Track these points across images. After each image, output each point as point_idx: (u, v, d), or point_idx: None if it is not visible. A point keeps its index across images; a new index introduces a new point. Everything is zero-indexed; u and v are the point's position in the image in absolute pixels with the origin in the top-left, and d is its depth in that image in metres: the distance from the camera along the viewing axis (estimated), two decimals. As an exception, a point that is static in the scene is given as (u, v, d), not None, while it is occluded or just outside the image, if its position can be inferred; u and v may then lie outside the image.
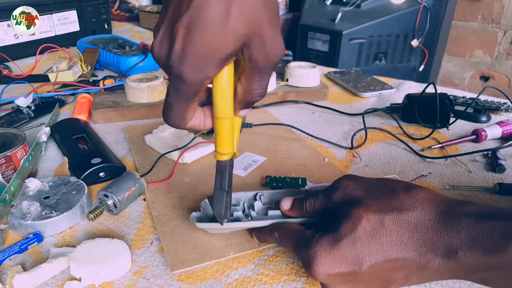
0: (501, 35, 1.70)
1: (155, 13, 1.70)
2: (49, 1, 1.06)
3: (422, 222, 0.29)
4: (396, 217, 0.30)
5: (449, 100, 0.64)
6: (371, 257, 0.29)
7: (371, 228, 0.30)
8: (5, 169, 0.48)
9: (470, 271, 0.28)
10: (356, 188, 0.34)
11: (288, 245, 0.36)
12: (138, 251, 0.40)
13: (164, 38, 0.29)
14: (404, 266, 0.29)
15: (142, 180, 0.47)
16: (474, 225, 0.28)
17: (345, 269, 0.30)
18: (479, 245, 0.27)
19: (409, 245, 0.29)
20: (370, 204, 0.31)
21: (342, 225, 0.31)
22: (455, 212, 0.29)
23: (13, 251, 0.39)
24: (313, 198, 0.37)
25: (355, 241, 0.30)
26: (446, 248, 0.28)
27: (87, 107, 0.71)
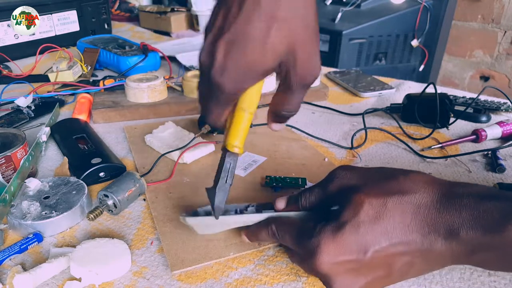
0: (501, 35, 1.70)
1: (155, 13, 1.70)
2: (49, 1, 1.06)
3: (424, 203, 0.30)
4: (398, 200, 0.30)
5: (449, 100, 0.64)
6: (375, 242, 0.29)
7: (374, 212, 0.30)
8: (5, 169, 0.48)
9: (471, 252, 0.28)
10: (353, 176, 0.34)
11: (287, 237, 0.34)
12: (138, 251, 0.40)
13: (209, 49, 0.31)
14: (407, 250, 0.29)
15: (142, 180, 0.47)
16: (475, 204, 0.28)
17: (350, 256, 0.29)
18: (480, 225, 0.27)
19: (412, 227, 0.29)
20: (371, 189, 0.31)
21: (344, 212, 0.31)
22: (457, 192, 0.30)
23: (13, 251, 0.39)
24: (309, 192, 0.36)
25: (359, 227, 0.29)
26: (448, 228, 0.28)
27: (87, 107, 0.71)
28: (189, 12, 1.73)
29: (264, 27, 0.29)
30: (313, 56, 0.32)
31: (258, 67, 0.31)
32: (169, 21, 1.68)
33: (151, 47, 0.94)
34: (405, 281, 0.36)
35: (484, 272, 0.37)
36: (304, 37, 0.31)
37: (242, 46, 0.30)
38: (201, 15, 1.68)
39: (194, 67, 0.92)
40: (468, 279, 0.37)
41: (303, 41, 0.31)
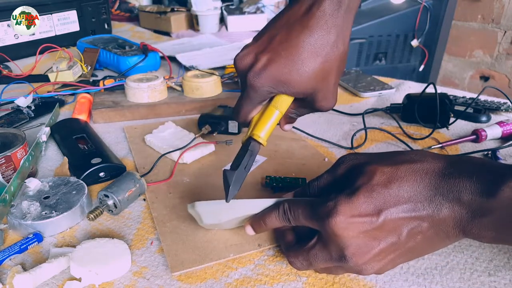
0: (501, 35, 1.70)
1: (155, 13, 1.70)
2: (49, 1, 1.06)
3: (431, 170, 0.32)
4: (407, 167, 0.32)
5: (449, 100, 0.64)
6: (387, 204, 0.31)
7: (386, 177, 0.32)
8: (5, 169, 0.48)
9: (472, 217, 0.30)
10: (361, 158, 0.36)
11: (300, 212, 0.34)
12: (138, 251, 0.40)
13: (250, 55, 0.39)
14: (416, 215, 0.31)
15: (142, 180, 0.47)
16: (472, 171, 0.31)
17: (364, 218, 0.31)
18: (476, 189, 0.30)
19: (420, 191, 0.31)
20: (382, 160, 0.34)
21: (358, 179, 0.33)
22: (458, 162, 0.32)
23: (13, 251, 0.39)
24: (317, 181, 0.37)
25: (372, 190, 0.31)
26: (451, 192, 0.30)
27: (87, 107, 0.71)
28: (189, 12, 1.73)
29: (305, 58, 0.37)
30: (334, 92, 0.40)
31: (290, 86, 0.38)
32: (169, 21, 1.68)
33: (151, 47, 0.94)
34: (406, 281, 0.36)
35: (484, 272, 0.37)
36: (334, 76, 0.39)
37: (281, 65, 0.37)
38: (201, 15, 1.68)
39: (194, 67, 0.92)
40: (468, 279, 0.37)
41: (332, 80, 0.39)
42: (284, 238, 0.38)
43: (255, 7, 1.78)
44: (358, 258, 0.32)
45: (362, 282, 0.36)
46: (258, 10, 1.77)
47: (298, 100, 0.41)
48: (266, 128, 0.40)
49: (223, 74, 0.82)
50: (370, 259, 0.32)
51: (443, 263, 0.38)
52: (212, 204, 0.38)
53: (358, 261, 0.32)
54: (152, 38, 1.35)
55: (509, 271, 0.37)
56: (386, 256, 0.32)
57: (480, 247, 0.40)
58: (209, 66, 0.90)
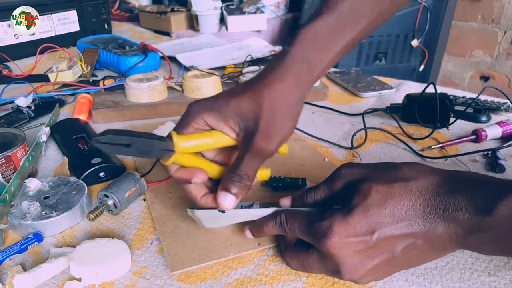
0: (501, 35, 1.70)
1: (155, 13, 1.70)
2: (49, 1, 1.06)
3: (425, 188, 0.32)
4: (402, 186, 0.32)
5: (449, 100, 0.64)
6: (382, 223, 0.31)
7: (381, 196, 0.32)
8: (5, 169, 0.48)
9: (467, 233, 0.30)
10: (357, 172, 0.36)
11: (296, 225, 0.35)
12: (138, 251, 0.40)
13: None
14: (410, 232, 0.31)
15: (142, 180, 0.47)
16: (469, 188, 0.31)
17: (359, 237, 0.31)
18: (473, 207, 0.30)
19: (414, 209, 0.31)
20: (377, 178, 0.34)
21: (353, 198, 0.33)
22: (454, 178, 0.32)
23: (13, 251, 0.39)
24: (314, 191, 0.37)
25: (367, 209, 0.31)
26: (446, 210, 0.30)
27: (87, 107, 0.71)
28: (189, 12, 1.73)
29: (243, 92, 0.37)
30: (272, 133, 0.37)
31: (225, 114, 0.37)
32: (169, 21, 1.68)
33: (151, 47, 0.94)
34: (406, 281, 0.36)
35: (484, 272, 0.37)
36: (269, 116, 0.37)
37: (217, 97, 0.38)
38: (201, 15, 1.68)
39: (194, 67, 0.92)
40: (468, 279, 0.37)
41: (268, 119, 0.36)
42: (284, 238, 0.38)
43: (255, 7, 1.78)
44: (353, 273, 0.33)
45: (362, 282, 0.36)
46: (258, 10, 1.77)
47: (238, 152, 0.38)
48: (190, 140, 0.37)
49: (223, 74, 0.82)
50: (364, 273, 0.33)
51: (443, 263, 0.38)
52: (211, 212, 0.38)
53: (353, 276, 0.33)
54: (152, 38, 1.35)
55: (509, 271, 0.37)
56: (381, 270, 0.33)
57: (480, 247, 0.40)
58: (209, 66, 0.90)
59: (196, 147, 0.37)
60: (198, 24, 1.70)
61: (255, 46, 1.09)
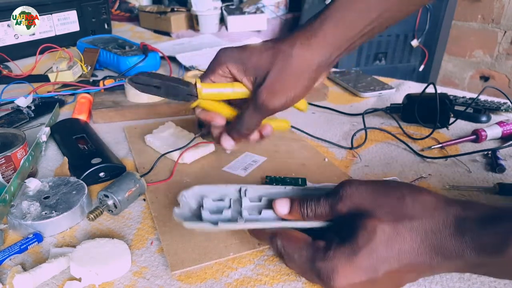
0: (501, 35, 1.70)
1: (155, 13, 1.70)
2: (49, 1, 1.06)
3: (431, 228, 0.31)
4: (408, 225, 0.31)
5: (449, 100, 0.64)
6: (388, 264, 0.31)
7: (386, 238, 0.31)
8: (5, 169, 0.48)
9: (475, 268, 0.30)
10: (362, 197, 0.34)
11: (296, 257, 0.33)
12: (138, 251, 0.40)
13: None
14: (415, 269, 0.31)
15: (142, 180, 0.47)
16: (476, 228, 0.30)
17: (365, 277, 0.31)
18: (481, 247, 0.29)
19: (420, 250, 0.31)
20: (382, 214, 0.32)
21: (358, 236, 0.32)
22: (460, 217, 0.31)
23: (13, 251, 0.39)
24: (314, 204, 0.35)
25: (372, 251, 0.31)
26: (452, 251, 0.30)
27: (87, 107, 0.71)
28: (189, 12, 1.73)
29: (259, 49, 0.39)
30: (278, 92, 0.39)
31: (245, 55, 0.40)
32: (169, 21, 1.68)
33: (151, 47, 0.94)
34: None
35: (484, 272, 0.37)
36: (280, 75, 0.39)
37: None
38: (201, 15, 1.68)
39: (194, 67, 0.92)
40: (468, 279, 0.37)
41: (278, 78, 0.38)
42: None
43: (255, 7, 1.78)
44: None
45: (362, 282, 0.36)
46: (258, 10, 1.77)
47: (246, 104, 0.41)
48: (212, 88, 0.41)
49: (223, 74, 0.82)
50: None
51: (443, 263, 0.38)
52: (203, 225, 0.36)
53: None
54: (152, 38, 1.35)
55: (509, 271, 0.37)
56: None
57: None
58: (209, 66, 0.90)
59: (216, 95, 0.41)
60: (198, 24, 1.70)
61: (255, 46, 1.09)
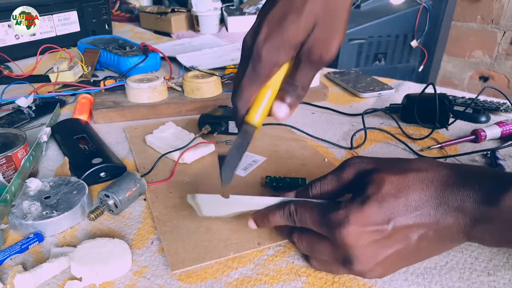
0: (501, 36, 1.70)
1: (155, 13, 1.70)
2: (50, 2, 1.06)
3: (436, 179, 0.33)
4: (415, 176, 0.33)
5: (448, 101, 0.64)
6: (396, 213, 0.32)
7: (394, 187, 0.32)
8: (6, 169, 0.48)
9: (474, 223, 0.31)
10: (368, 162, 0.36)
11: (307, 215, 0.34)
12: (138, 250, 0.40)
13: (253, 30, 0.36)
14: (422, 222, 0.32)
15: (143, 180, 0.47)
16: (475, 181, 0.31)
17: (375, 226, 0.31)
18: (479, 198, 0.31)
19: (426, 200, 0.32)
20: (389, 168, 0.34)
21: (367, 188, 0.33)
22: (462, 171, 0.33)
23: (14, 251, 0.39)
24: (320, 182, 0.37)
25: (383, 199, 0.32)
26: (455, 200, 0.31)
27: (88, 108, 0.71)
28: (189, 12, 1.74)
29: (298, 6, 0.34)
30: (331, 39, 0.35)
31: (293, 40, 0.34)
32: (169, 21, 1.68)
33: (152, 47, 0.94)
34: (405, 280, 0.36)
35: (484, 272, 0.37)
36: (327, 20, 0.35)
37: (281, 24, 0.34)
38: (201, 16, 1.68)
39: (195, 68, 0.92)
40: (467, 278, 0.37)
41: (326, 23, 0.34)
42: None
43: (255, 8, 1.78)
44: (365, 265, 0.33)
45: (362, 282, 0.36)
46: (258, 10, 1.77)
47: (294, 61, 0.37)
48: (259, 111, 0.37)
49: (223, 74, 0.82)
50: (375, 265, 0.33)
51: (443, 263, 0.38)
52: (213, 197, 0.38)
53: (364, 268, 0.33)
54: (153, 39, 1.36)
55: (508, 270, 0.38)
56: (391, 262, 0.33)
57: (479, 247, 0.40)
58: (209, 67, 0.90)
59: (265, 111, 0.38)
60: (198, 25, 1.70)
61: (255, 47, 1.09)
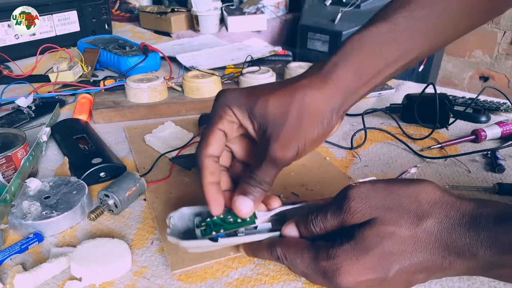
0: (501, 36, 1.70)
1: (155, 13, 1.70)
2: (50, 1, 1.06)
3: (447, 227, 0.30)
4: (423, 226, 0.31)
5: (448, 100, 0.64)
6: (398, 263, 0.30)
7: (402, 240, 0.30)
8: (6, 169, 0.48)
9: (488, 269, 0.30)
10: (371, 207, 0.32)
11: (298, 261, 0.33)
12: (138, 251, 0.40)
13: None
14: (427, 268, 0.31)
15: (143, 180, 0.47)
16: (492, 226, 0.29)
17: (373, 276, 0.30)
18: (496, 246, 0.29)
19: (434, 250, 0.30)
20: (397, 218, 0.31)
21: (367, 236, 0.31)
22: (475, 214, 0.30)
23: (13, 251, 0.39)
24: (321, 219, 0.34)
25: (384, 251, 0.30)
26: (466, 249, 0.29)
27: (88, 107, 0.71)
28: (189, 12, 1.74)
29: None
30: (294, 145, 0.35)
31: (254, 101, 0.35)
32: (169, 21, 1.68)
33: (152, 47, 0.94)
34: (405, 280, 0.36)
35: (483, 272, 0.37)
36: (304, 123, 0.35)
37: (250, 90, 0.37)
38: (201, 16, 1.68)
39: (194, 68, 0.92)
40: (467, 279, 0.37)
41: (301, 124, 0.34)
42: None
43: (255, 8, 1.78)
44: None
45: (362, 282, 0.36)
46: (258, 10, 1.77)
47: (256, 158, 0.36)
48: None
49: (223, 74, 0.82)
50: None
51: (443, 263, 0.38)
52: (200, 243, 0.35)
53: None
54: (153, 39, 1.36)
55: (508, 270, 0.37)
56: None
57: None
58: (209, 67, 0.90)
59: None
60: (198, 25, 1.71)
61: (255, 47, 1.09)
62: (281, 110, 0.34)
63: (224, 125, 0.36)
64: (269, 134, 0.34)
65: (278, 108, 0.34)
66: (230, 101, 0.36)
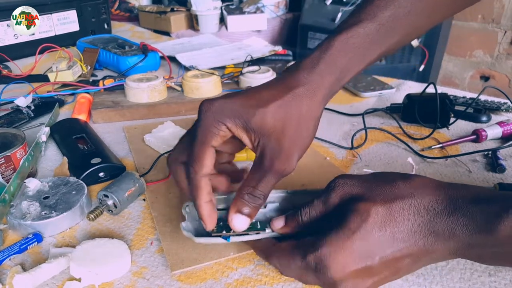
0: (501, 35, 1.70)
1: (154, 13, 1.70)
2: (49, 1, 1.06)
3: (423, 207, 0.31)
4: (401, 206, 0.31)
5: (449, 100, 0.64)
6: (383, 248, 0.31)
7: (380, 219, 0.31)
8: (5, 169, 0.48)
9: (468, 248, 0.30)
10: (353, 185, 0.34)
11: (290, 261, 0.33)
12: (138, 251, 0.40)
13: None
14: (411, 252, 0.31)
15: (142, 180, 0.47)
16: (469, 207, 0.30)
17: (360, 264, 0.30)
18: (473, 226, 0.29)
19: (414, 230, 0.31)
20: (375, 196, 0.32)
21: (350, 220, 0.31)
22: (452, 196, 0.31)
23: (12, 251, 0.39)
24: (308, 207, 0.34)
25: (367, 235, 0.30)
26: (445, 229, 0.30)
27: (87, 107, 0.71)
28: (189, 12, 1.74)
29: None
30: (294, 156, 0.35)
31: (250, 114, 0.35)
32: (169, 21, 1.68)
33: (151, 47, 0.94)
34: (406, 281, 0.36)
35: (484, 273, 0.37)
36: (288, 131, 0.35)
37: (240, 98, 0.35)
38: (201, 15, 1.68)
39: (194, 67, 0.92)
40: (468, 279, 0.37)
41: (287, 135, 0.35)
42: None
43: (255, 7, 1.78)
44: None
45: (362, 282, 0.36)
46: (258, 10, 1.77)
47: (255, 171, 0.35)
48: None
49: (223, 74, 0.82)
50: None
51: (443, 263, 0.38)
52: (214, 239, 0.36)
53: None
54: (152, 38, 1.35)
55: (509, 271, 0.37)
56: (378, 283, 0.32)
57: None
58: (209, 66, 0.90)
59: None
60: (198, 24, 1.70)
61: (255, 46, 1.09)
62: (280, 122, 0.34)
63: (217, 141, 0.35)
64: (270, 147, 0.34)
65: (276, 120, 0.34)
66: (223, 115, 0.34)
